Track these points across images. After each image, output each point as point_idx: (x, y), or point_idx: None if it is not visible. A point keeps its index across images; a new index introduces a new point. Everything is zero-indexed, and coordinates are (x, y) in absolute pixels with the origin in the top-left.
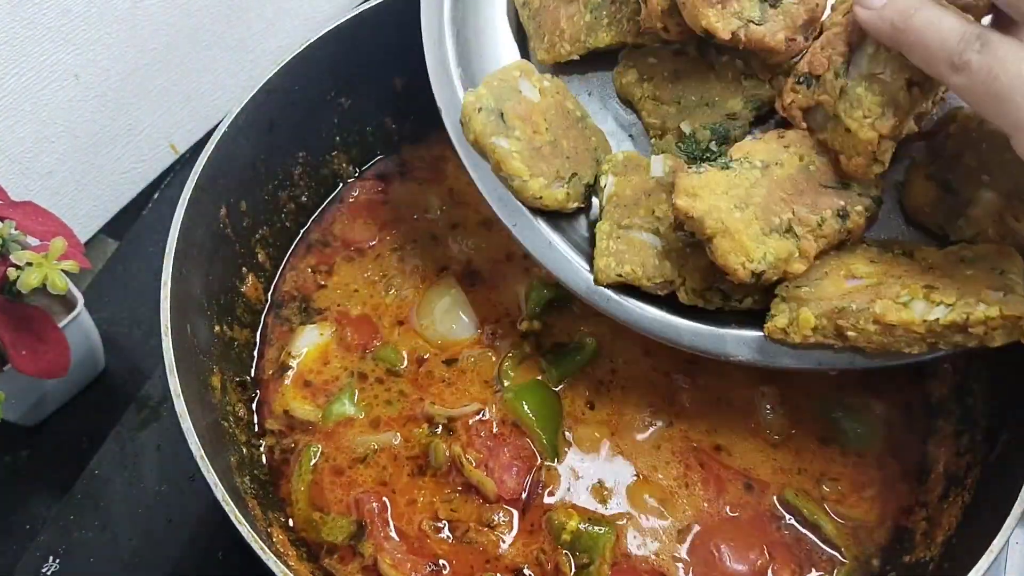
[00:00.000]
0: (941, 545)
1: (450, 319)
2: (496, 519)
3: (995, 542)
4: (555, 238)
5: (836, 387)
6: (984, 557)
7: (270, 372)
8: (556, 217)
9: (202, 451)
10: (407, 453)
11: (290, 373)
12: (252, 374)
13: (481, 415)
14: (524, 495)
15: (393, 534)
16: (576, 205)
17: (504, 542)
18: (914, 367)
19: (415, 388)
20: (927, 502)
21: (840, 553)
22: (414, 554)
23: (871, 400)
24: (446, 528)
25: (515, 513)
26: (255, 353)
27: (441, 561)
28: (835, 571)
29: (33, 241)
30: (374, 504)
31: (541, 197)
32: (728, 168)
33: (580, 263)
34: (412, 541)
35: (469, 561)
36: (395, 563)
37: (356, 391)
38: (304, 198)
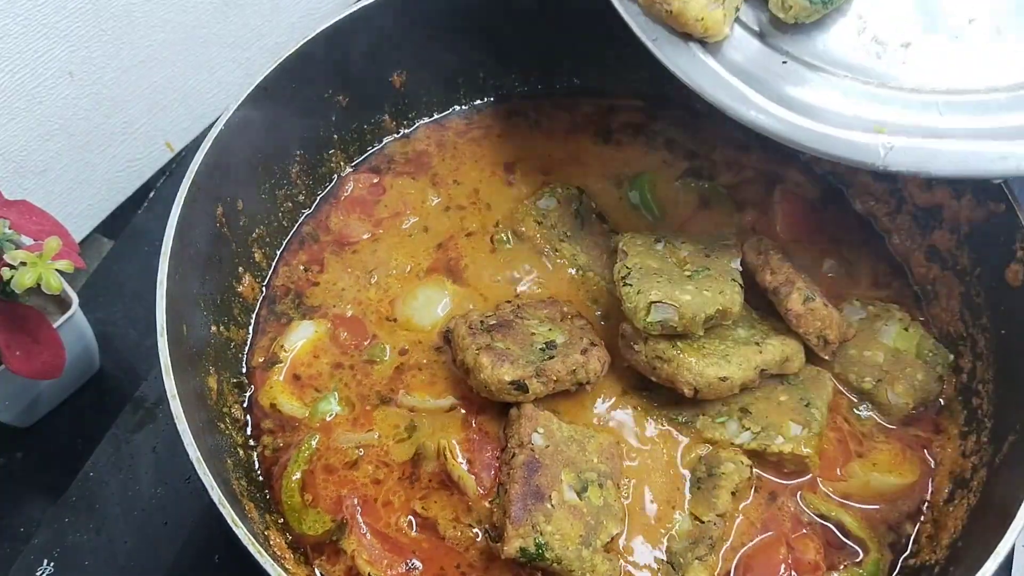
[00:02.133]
0: (947, 548)
1: (433, 308)
2: (476, 518)
3: (1001, 545)
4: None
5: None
6: (990, 560)
7: (260, 360)
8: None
9: (198, 453)
10: (391, 453)
11: (279, 367)
12: (244, 368)
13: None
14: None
15: (371, 531)
16: (728, 30)
17: (489, 541)
18: None
19: (395, 380)
20: (932, 504)
21: (863, 545)
22: (391, 551)
23: None
24: (423, 526)
25: (494, 512)
26: (248, 344)
27: (415, 561)
28: (862, 561)
29: (27, 240)
30: (354, 500)
31: (703, 18)
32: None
33: (729, 78)
34: (390, 538)
35: (446, 559)
36: (372, 559)
37: (341, 388)
38: (301, 197)
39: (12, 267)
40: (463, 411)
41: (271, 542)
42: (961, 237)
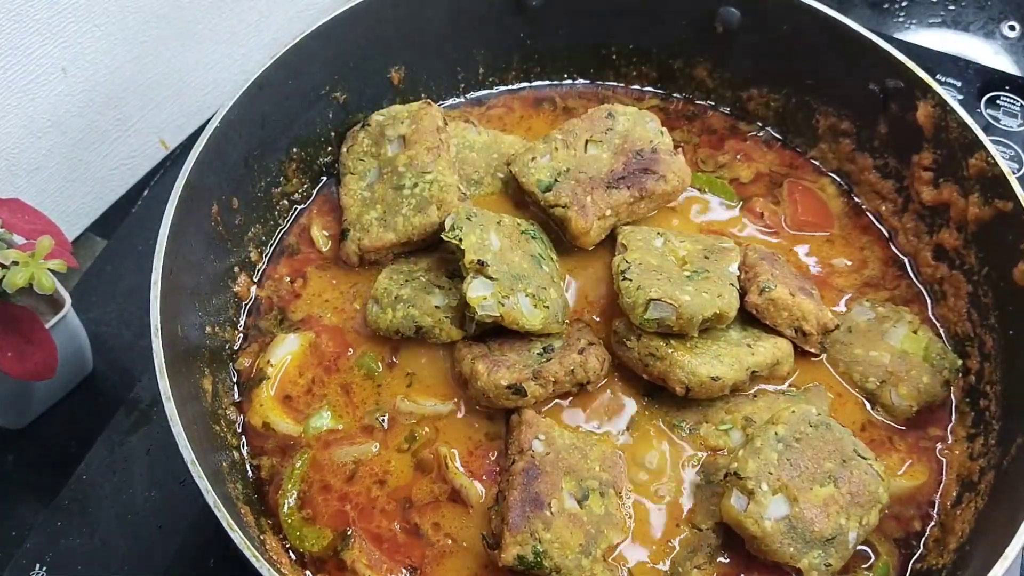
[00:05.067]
0: (954, 552)
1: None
2: (476, 526)
3: (1009, 549)
4: None
5: None
6: (998, 564)
7: (246, 363)
8: None
9: (193, 456)
10: (390, 463)
11: (267, 383)
12: (235, 377)
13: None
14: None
15: (370, 538)
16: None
17: (486, 548)
18: None
19: (389, 390)
20: (940, 508)
21: (874, 549)
22: (390, 557)
23: None
24: (422, 533)
25: (493, 519)
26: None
27: (415, 567)
28: (872, 564)
29: (19, 239)
30: (354, 508)
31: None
32: None
33: None
34: (388, 545)
35: (446, 566)
36: (371, 564)
37: (332, 401)
38: (298, 195)
39: (4, 266)
40: (464, 419)
41: (267, 546)
42: (968, 236)
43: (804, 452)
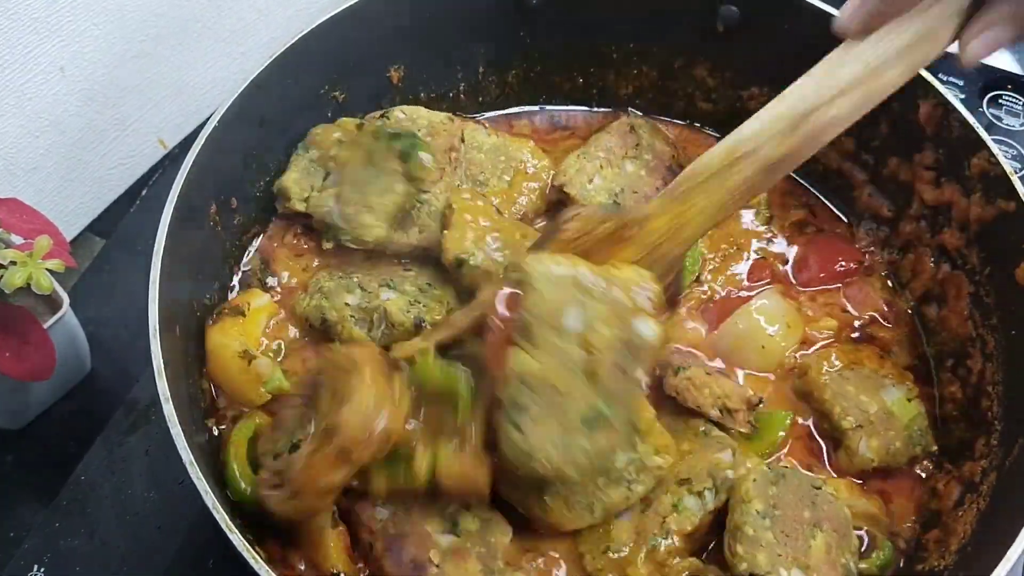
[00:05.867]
0: (956, 553)
1: None
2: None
3: (1011, 550)
4: None
5: None
6: (1000, 565)
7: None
8: None
9: (192, 457)
10: None
11: (240, 319)
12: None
13: None
14: None
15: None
16: None
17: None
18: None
19: None
20: (941, 509)
21: (875, 540)
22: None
23: None
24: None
25: None
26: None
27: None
28: (873, 553)
29: (17, 239)
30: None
31: None
32: None
33: None
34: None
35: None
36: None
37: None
38: None
39: (2, 266)
40: None
41: (266, 546)
42: (971, 236)
43: (786, 515)
